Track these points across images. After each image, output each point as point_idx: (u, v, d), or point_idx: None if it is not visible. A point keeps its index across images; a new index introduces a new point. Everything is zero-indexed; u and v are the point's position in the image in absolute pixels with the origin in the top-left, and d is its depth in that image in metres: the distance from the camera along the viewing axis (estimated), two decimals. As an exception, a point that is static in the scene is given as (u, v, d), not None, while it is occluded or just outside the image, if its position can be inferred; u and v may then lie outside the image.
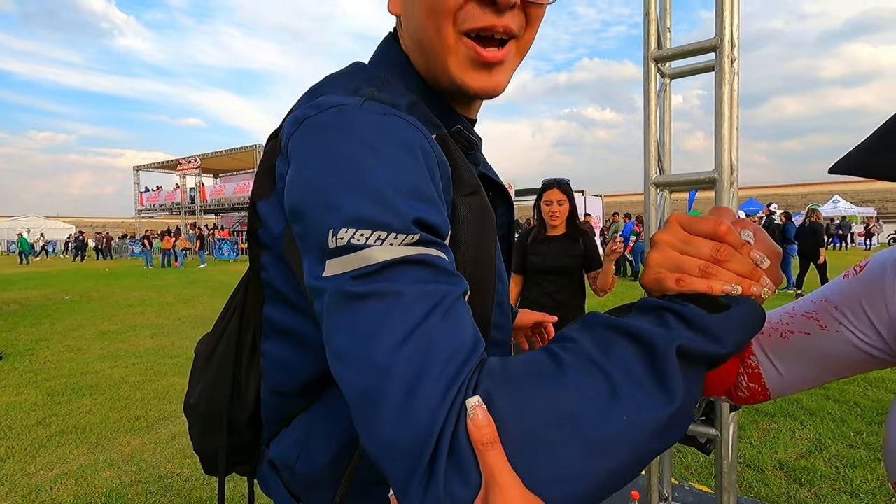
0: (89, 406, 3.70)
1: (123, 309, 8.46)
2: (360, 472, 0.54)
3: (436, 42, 0.53)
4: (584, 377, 0.37)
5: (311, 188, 0.43)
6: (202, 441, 0.69)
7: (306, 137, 0.46)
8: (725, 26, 1.68)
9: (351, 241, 0.40)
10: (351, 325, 0.39)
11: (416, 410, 0.35)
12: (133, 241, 27.74)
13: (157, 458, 2.83)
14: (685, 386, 0.37)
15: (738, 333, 0.39)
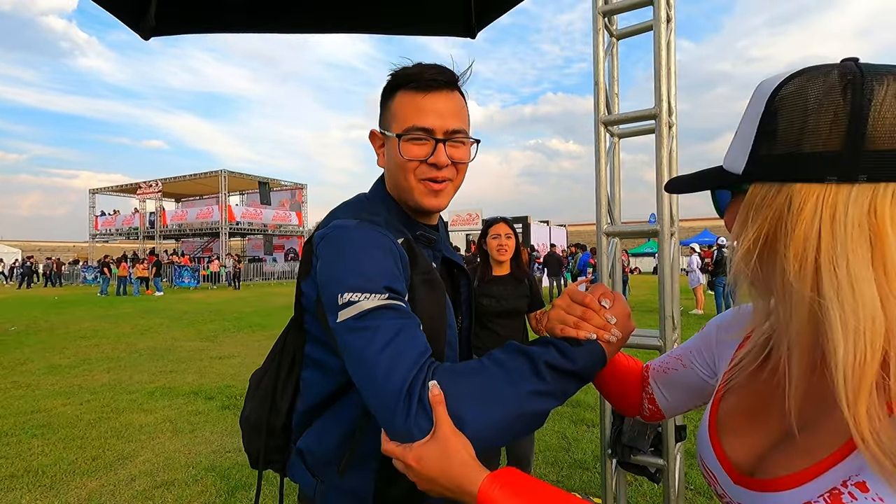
0: (41, 447, 3.55)
1: (76, 341, 8.10)
2: (356, 451, 0.85)
3: (404, 184, 0.89)
4: (494, 369, 0.68)
5: (328, 272, 0.78)
6: (250, 444, 0.99)
7: (327, 244, 0.81)
8: (663, 98, 1.92)
9: (350, 299, 0.72)
10: (355, 343, 0.70)
11: (393, 380, 0.65)
12: (86, 267, 26.50)
13: (116, 500, 2.76)
14: (553, 380, 0.68)
15: (588, 359, 0.71)
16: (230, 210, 27.44)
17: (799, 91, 0.50)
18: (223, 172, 26.98)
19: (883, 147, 0.46)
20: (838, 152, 0.47)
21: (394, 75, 0.89)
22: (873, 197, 0.47)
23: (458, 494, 0.61)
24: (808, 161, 0.49)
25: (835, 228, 0.47)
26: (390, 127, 0.89)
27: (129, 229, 30.90)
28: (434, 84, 0.85)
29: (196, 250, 33.40)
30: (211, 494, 2.80)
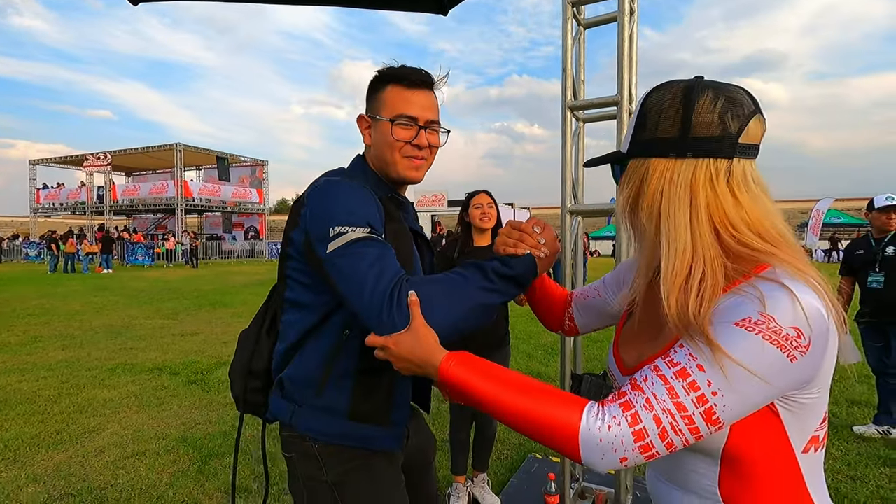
0: (1, 422, 3.47)
1: (23, 318, 7.75)
2: (332, 372, 1.03)
3: (391, 159, 1.09)
4: (454, 277, 0.91)
5: (320, 213, 0.96)
6: (234, 387, 1.15)
7: (317, 193, 1.00)
8: (624, 86, 2.07)
9: (340, 231, 0.91)
10: (346, 263, 0.89)
11: (380, 288, 0.85)
12: (27, 242, 24.97)
13: (86, 470, 2.77)
14: (498, 282, 0.91)
15: (524, 268, 0.93)
16: (186, 186, 26.37)
17: (659, 97, 0.73)
18: (178, 146, 25.82)
19: (700, 134, 0.69)
20: (676, 138, 0.70)
21: (384, 72, 1.09)
22: (695, 168, 0.69)
23: (424, 369, 0.80)
24: (659, 143, 0.72)
25: (670, 189, 0.70)
26: (380, 112, 1.08)
27: (76, 203, 29.20)
28: (419, 83, 1.08)
29: (149, 227, 31.99)
30: (184, 463, 2.85)
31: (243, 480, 2.64)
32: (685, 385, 0.62)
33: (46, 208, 30.72)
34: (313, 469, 1.04)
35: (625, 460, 0.63)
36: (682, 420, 0.62)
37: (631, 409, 0.64)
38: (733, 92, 0.70)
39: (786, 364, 0.60)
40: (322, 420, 1.04)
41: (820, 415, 0.69)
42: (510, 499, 2.44)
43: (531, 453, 2.99)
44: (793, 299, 0.61)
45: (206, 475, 2.71)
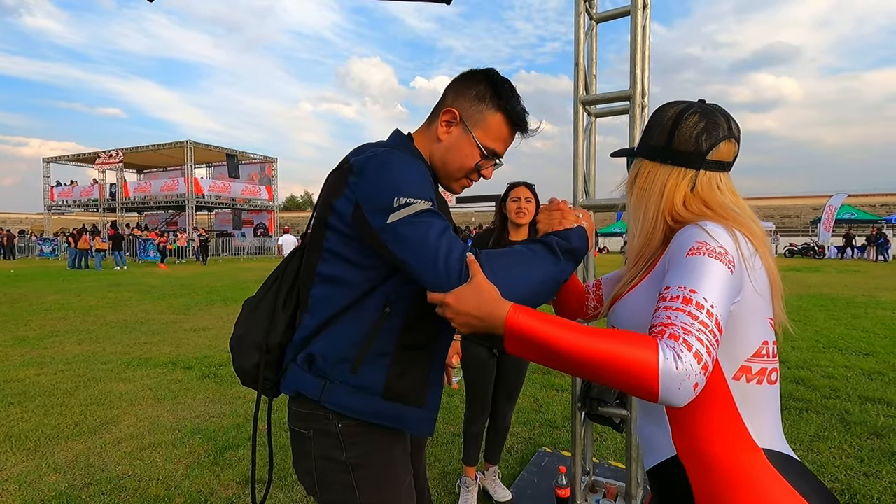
0: (20, 414, 3.55)
1: (40, 313, 7.89)
2: (369, 349, 1.00)
3: (452, 167, 1.10)
4: (524, 251, 0.94)
5: (382, 183, 0.93)
6: (244, 360, 1.10)
7: (376, 163, 0.96)
8: (637, 81, 2.06)
9: (407, 201, 0.90)
10: (414, 232, 0.89)
11: (453, 257, 0.87)
12: (42, 239, 25.34)
13: (104, 461, 2.83)
14: (563, 257, 0.95)
15: (579, 239, 0.99)
16: (196, 183, 26.60)
17: (663, 111, 0.94)
18: (189, 143, 26.03)
19: (678, 148, 0.91)
20: (662, 147, 0.93)
21: (504, 95, 1.07)
22: (670, 174, 0.92)
23: (487, 321, 0.80)
24: (652, 149, 0.94)
25: (650, 186, 0.94)
26: (476, 129, 1.07)
27: (88, 201, 29.58)
28: (521, 131, 1.12)
29: (160, 224, 32.33)
30: (199, 455, 2.90)
31: (258, 471, 2.68)
32: (693, 308, 0.73)
33: (60, 205, 31.14)
34: (331, 448, 1.02)
35: (696, 386, 0.68)
36: (710, 334, 0.72)
37: (678, 338, 0.70)
38: (717, 118, 0.90)
39: (725, 271, 0.78)
40: (356, 397, 1.00)
41: (749, 346, 0.84)
42: (521, 491, 2.46)
43: (541, 447, 3.00)
44: (701, 227, 0.83)
45: (221, 466, 2.75)
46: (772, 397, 0.87)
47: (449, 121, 1.08)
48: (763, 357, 0.85)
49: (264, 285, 1.15)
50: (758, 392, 0.84)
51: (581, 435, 2.35)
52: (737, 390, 0.84)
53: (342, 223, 0.97)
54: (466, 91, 1.08)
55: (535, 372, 4.61)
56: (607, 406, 2.12)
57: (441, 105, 1.10)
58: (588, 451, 2.51)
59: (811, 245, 25.47)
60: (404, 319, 1.01)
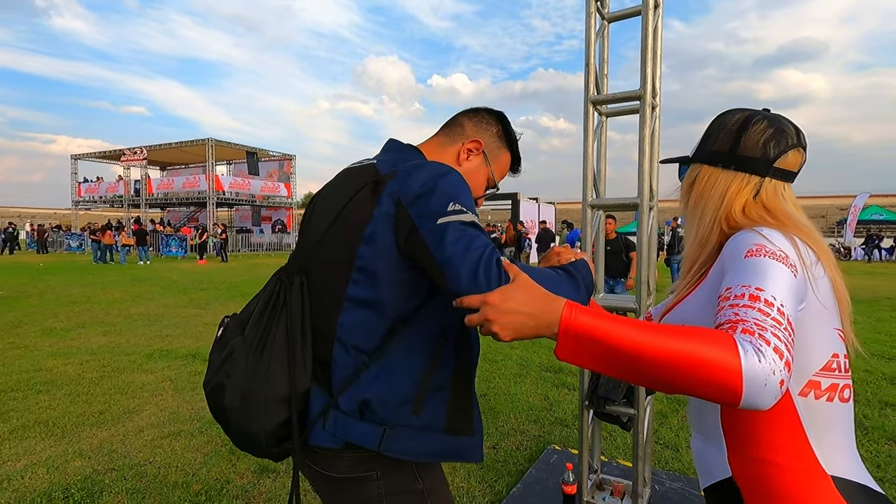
0: (48, 401, 3.70)
1: (67, 306, 8.16)
2: (429, 386, 0.93)
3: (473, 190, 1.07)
4: (552, 273, 0.92)
5: (439, 189, 0.89)
6: (267, 420, 0.92)
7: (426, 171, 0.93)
8: (647, 80, 2.07)
9: (460, 209, 0.87)
10: (463, 236, 0.84)
11: (493, 260, 0.82)
12: (69, 234, 26.11)
13: (127, 448, 2.94)
14: (579, 282, 0.92)
15: (583, 268, 0.96)
16: (217, 180, 27.08)
17: (726, 117, 0.92)
18: (210, 141, 26.50)
19: (744, 153, 0.88)
20: (726, 152, 0.90)
21: (514, 142, 1.18)
22: (732, 179, 0.89)
23: (539, 317, 0.69)
24: (713, 154, 0.92)
25: (710, 191, 0.91)
26: (492, 161, 1.15)
27: (114, 197, 30.37)
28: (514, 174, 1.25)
29: (182, 220, 33.01)
30: (217, 444, 3.00)
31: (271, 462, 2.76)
32: (763, 305, 0.67)
33: (87, 201, 32.02)
34: (407, 481, 0.96)
35: (782, 382, 0.61)
36: (785, 332, 0.65)
37: (754, 334, 0.63)
38: (786, 126, 0.87)
39: (789, 274, 0.73)
40: (419, 440, 0.92)
41: (818, 358, 0.78)
42: (528, 488, 2.48)
43: (550, 445, 3.02)
44: (759, 231, 0.79)
45: (237, 455, 2.84)
46: (844, 417, 0.79)
47: (472, 150, 1.12)
48: (833, 371, 0.78)
49: (253, 322, 0.98)
50: (828, 410, 0.77)
51: (588, 433, 2.36)
52: (804, 408, 0.76)
53: (383, 232, 0.90)
54: (488, 128, 1.14)
55: (547, 371, 4.62)
56: (615, 404, 2.13)
57: (460, 132, 1.13)
58: (596, 449, 2.53)
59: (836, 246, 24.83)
60: (455, 346, 0.96)
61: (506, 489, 2.51)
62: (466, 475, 2.66)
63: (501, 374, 4.51)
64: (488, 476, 2.66)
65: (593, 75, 2.22)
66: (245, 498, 2.43)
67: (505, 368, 4.70)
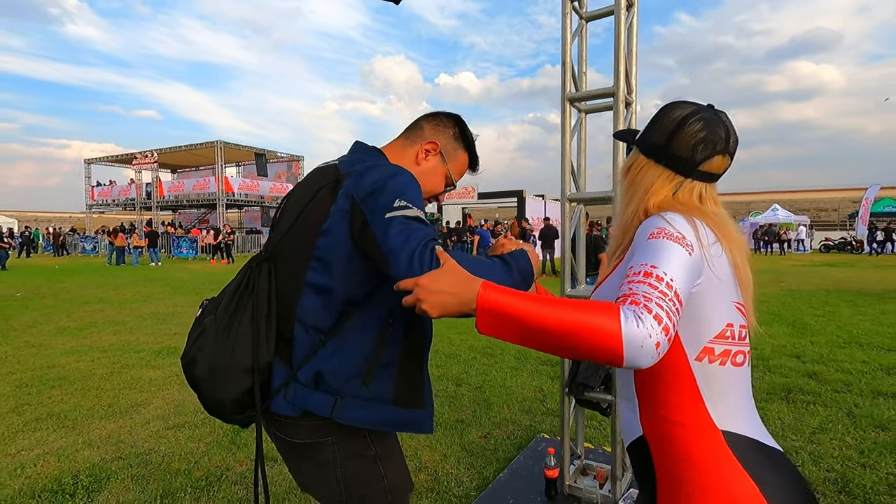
0: (60, 396, 3.86)
1: (80, 306, 8.39)
2: (378, 362, 1.05)
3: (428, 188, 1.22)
4: (486, 261, 1.02)
5: (387, 187, 1.00)
6: (229, 388, 1.03)
7: (379, 171, 1.04)
8: (620, 77, 2.15)
9: (406, 204, 0.97)
10: (404, 229, 0.94)
11: (428, 249, 0.91)
12: (84, 237, 26.63)
13: (133, 438, 3.08)
14: (512, 268, 1.02)
15: (522, 258, 1.05)
16: (227, 182, 27.42)
17: (670, 111, 0.95)
18: (219, 143, 26.84)
19: (674, 152, 0.93)
20: (660, 146, 0.95)
21: (471, 144, 1.28)
22: (659, 175, 0.96)
23: (460, 296, 0.80)
24: (651, 146, 0.97)
25: (640, 182, 0.98)
26: (449, 161, 1.25)
27: (126, 200, 30.87)
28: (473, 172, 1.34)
29: (193, 221, 33.46)
30: (218, 434, 3.12)
31: (271, 451, 2.88)
32: (653, 280, 0.77)
33: (100, 205, 32.59)
34: (360, 446, 1.07)
35: (659, 345, 0.70)
36: (670, 302, 0.75)
37: (640, 304, 0.73)
38: (719, 131, 0.92)
39: (684, 253, 0.82)
40: (368, 409, 1.04)
41: (712, 327, 0.86)
42: (514, 473, 2.57)
43: (540, 434, 3.11)
44: (665, 218, 0.87)
45: (237, 445, 2.96)
46: (738, 380, 0.88)
47: (430, 150, 1.21)
48: (727, 339, 0.87)
49: (224, 304, 1.09)
50: (721, 373, 0.86)
51: (570, 419, 2.45)
52: (699, 371, 0.86)
53: (339, 225, 1.01)
54: (445, 130, 1.23)
55: (544, 364, 4.69)
56: (593, 391, 2.21)
57: (419, 134, 1.22)
58: (579, 436, 2.61)
59: (848, 240, 24.50)
60: (404, 328, 1.08)
61: (493, 475, 2.60)
62: (456, 462, 2.75)
63: (498, 368, 4.60)
64: (477, 463, 2.75)
65: (569, 74, 2.29)
66: (244, 484, 2.55)
67: (502, 362, 4.78)
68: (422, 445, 2.96)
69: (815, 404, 3.57)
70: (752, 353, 0.93)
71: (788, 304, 8.15)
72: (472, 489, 2.48)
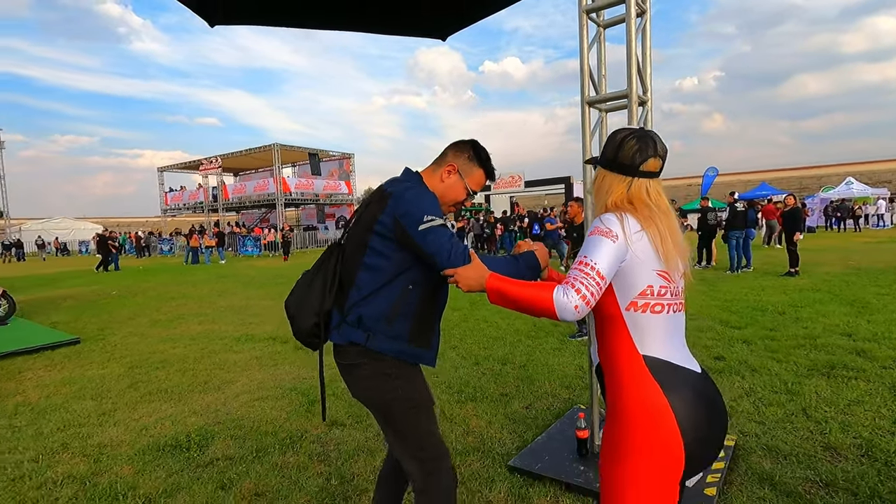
0: (164, 375, 4.57)
1: (167, 301, 9.43)
2: (398, 311, 1.53)
3: (447, 202, 1.68)
4: (499, 258, 1.53)
5: (415, 206, 1.49)
6: (304, 322, 1.59)
7: (411, 193, 1.53)
8: (633, 81, 2.41)
9: (431, 218, 1.46)
10: (438, 237, 1.45)
11: (457, 250, 1.44)
12: (161, 239, 29.06)
13: (227, 408, 3.66)
14: (519, 263, 1.54)
15: (531, 258, 1.57)
16: (284, 182, 28.94)
17: (616, 135, 1.33)
18: (276, 146, 28.34)
19: (621, 161, 1.31)
20: (611, 159, 1.33)
21: (483, 158, 1.67)
22: (614, 179, 1.32)
23: (479, 281, 1.35)
24: (606, 161, 1.34)
25: (602, 186, 1.36)
26: (466, 178, 1.66)
27: (195, 203, 33.30)
28: (491, 181, 1.75)
29: (255, 221, 35.55)
30: (296, 405, 3.65)
31: (336, 415, 3.36)
32: (580, 265, 1.22)
33: (173, 209, 35.35)
34: (387, 368, 1.54)
35: (577, 307, 1.17)
36: (591, 280, 1.19)
37: (569, 283, 1.21)
38: (648, 143, 1.29)
39: (610, 242, 1.22)
40: (390, 343, 1.53)
41: (636, 288, 1.24)
42: (551, 437, 2.89)
43: (577, 404, 3.40)
44: (601, 218, 1.26)
45: (312, 413, 3.47)
46: (657, 322, 1.26)
47: (451, 170, 1.66)
48: (647, 295, 1.25)
49: (311, 271, 1.66)
50: (643, 318, 1.25)
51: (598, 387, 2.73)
52: (628, 317, 1.26)
53: (385, 230, 1.50)
54: (462, 154, 1.67)
55: (584, 344, 4.94)
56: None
57: (443, 159, 1.67)
58: (611, 404, 2.88)
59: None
60: (420, 293, 1.56)
61: (532, 438, 2.93)
62: (500, 427, 3.11)
63: (542, 349, 4.90)
64: (519, 428, 3.10)
65: (587, 79, 2.55)
66: (320, 443, 3.03)
67: (546, 344, 5.08)
68: (470, 414, 3.34)
69: (856, 379, 3.63)
70: (684, 304, 1.35)
71: (852, 282, 7.85)
72: (513, 449, 2.83)
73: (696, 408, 1.20)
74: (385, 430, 1.63)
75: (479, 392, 3.76)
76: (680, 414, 1.18)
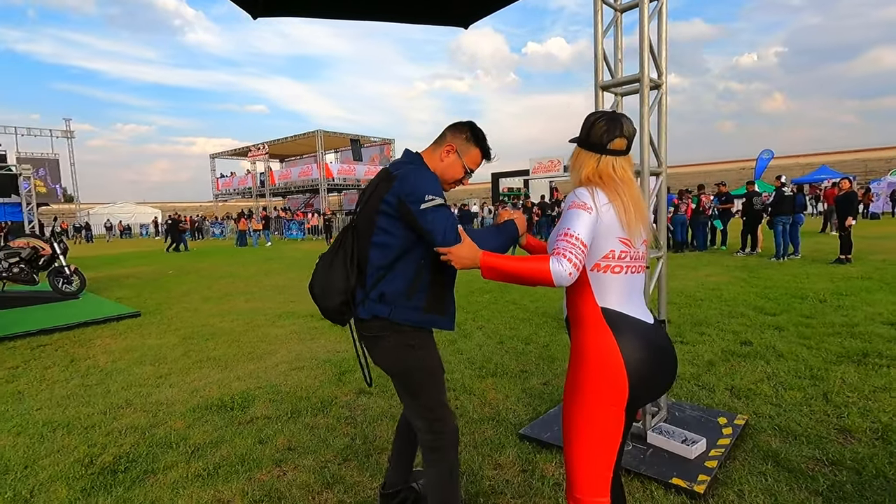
0: (214, 345, 4.99)
1: (217, 280, 10.07)
2: (416, 286, 1.69)
3: (447, 180, 1.81)
4: (483, 231, 1.77)
5: (418, 186, 1.63)
6: (331, 301, 1.73)
7: (413, 173, 1.69)
8: (645, 66, 2.46)
9: (433, 197, 1.61)
10: (438, 216, 1.59)
11: (452, 228, 1.58)
12: (214, 223, 30.60)
13: (268, 375, 4.00)
14: (502, 233, 1.77)
15: (512, 227, 1.79)
16: (327, 168, 29.71)
17: (589, 118, 1.48)
18: (319, 132, 29.08)
19: (591, 141, 1.46)
20: (584, 139, 1.48)
21: (481, 138, 1.79)
22: (588, 157, 1.47)
23: (472, 258, 1.48)
24: (581, 140, 1.49)
25: (577, 163, 1.50)
26: (464, 157, 1.78)
27: (244, 189, 34.75)
28: (487, 160, 1.86)
29: (300, 205, 36.75)
30: (329, 375, 3.94)
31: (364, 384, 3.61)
32: (566, 236, 1.35)
33: (224, 194, 37.04)
34: (407, 339, 1.70)
35: (571, 274, 1.30)
36: (577, 248, 1.33)
37: (559, 253, 1.33)
38: (617, 124, 1.42)
39: (587, 214, 1.36)
40: (410, 313, 1.68)
41: (600, 252, 1.39)
42: (563, 409, 3.03)
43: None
44: (576, 193, 1.40)
45: (343, 382, 3.74)
46: (616, 281, 1.42)
47: (449, 150, 1.78)
48: (609, 258, 1.41)
49: (330, 251, 1.78)
50: (604, 277, 1.42)
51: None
52: (592, 276, 1.42)
53: (390, 208, 1.63)
54: (459, 134, 1.79)
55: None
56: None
57: (442, 140, 1.79)
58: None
59: None
60: (431, 268, 1.70)
61: (545, 411, 3.08)
62: (516, 400, 3.27)
63: (567, 330, 4.98)
64: (534, 402, 3.25)
65: (601, 64, 2.61)
66: (349, 408, 3.29)
67: (571, 326, 5.15)
68: (489, 388, 3.51)
69: (888, 367, 3.54)
70: (644, 266, 1.51)
71: (908, 271, 7.41)
72: (525, 420, 2.99)
73: (642, 349, 1.38)
74: (401, 392, 1.81)
75: (500, 368, 3.92)
76: (626, 353, 1.36)
